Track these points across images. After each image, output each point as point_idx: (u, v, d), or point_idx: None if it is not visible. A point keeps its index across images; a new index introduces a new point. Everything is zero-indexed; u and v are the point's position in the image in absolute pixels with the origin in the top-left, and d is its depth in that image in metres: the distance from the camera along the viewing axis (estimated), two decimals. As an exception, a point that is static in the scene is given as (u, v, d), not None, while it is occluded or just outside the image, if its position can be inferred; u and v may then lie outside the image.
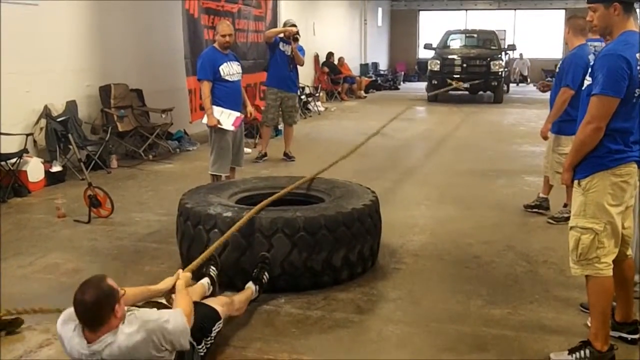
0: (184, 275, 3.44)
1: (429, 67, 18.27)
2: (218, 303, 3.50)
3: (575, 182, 3.29)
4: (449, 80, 16.88)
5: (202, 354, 3.20)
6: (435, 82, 17.59)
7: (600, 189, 3.19)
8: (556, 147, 5.72)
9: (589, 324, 3.43)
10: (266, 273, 4.03)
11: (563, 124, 5.56)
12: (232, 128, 6.37)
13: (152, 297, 3.32)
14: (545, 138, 5.87)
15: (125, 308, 2.81)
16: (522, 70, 25.14)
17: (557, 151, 5.72)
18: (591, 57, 5.36)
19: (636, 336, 3.53)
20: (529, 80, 24.46)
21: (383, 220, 4.82)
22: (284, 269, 4.13)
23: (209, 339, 3.27)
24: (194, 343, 3.11)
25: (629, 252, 3.47)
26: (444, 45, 19.40)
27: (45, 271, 4.73)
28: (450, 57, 18.07)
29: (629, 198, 3.27)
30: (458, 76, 17.29)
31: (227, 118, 6.34)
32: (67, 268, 4.78)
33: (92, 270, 4.71)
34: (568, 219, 5.67)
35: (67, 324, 2.80)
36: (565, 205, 5.87)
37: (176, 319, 2.87)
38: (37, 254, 5.08)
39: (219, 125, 6.28)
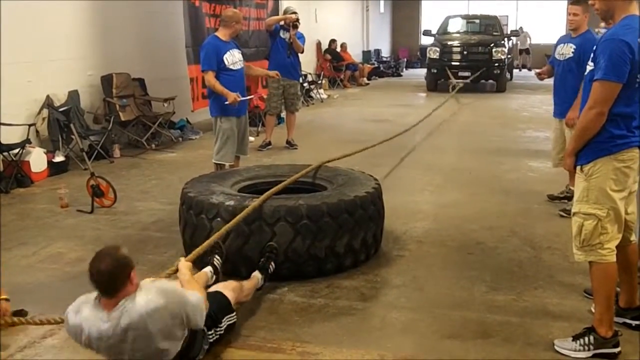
0: (184, 263, 3.45)
1: (427, 55, 17.32)
2: (229, 287, 3.51)
3: (578, 167, 3.28)
4: (449, 78, 15.99)
5: (211, 340, 3.22)
6: (435, 71, 16.82)
7: (603, 175, 3.17)
8: (567, 132, 5.66)
9: (593, 310, 3.43)
10: (272, 263, 4.03)
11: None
12: (246, 99, 6.34)
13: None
14: (571, 126, 5.70)
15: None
16: (522, 44, 24.66)
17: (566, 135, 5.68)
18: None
19: (640, 322, 3.52)
20: (528, 65, 24.22)
21: (386, 207, 4.82)
22: (287, 257, 4.13)
23: (219, 328, 3.28)
24: (204, 329, 3.13)
25: (633, 237, 3.45)
26: (443, 32, 18.36)
27: (49, 261, 4.74)
28: (449, 43, 17.15)
29: (632, 183, 3.25)
30: (458, 64, 16.49)
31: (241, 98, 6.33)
32: (71, 257, 4.79)
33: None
34: (564, 198, 5.71)
35: (80, 310, 2.87)
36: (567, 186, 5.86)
37: (195, 295, 2.97)
38: (41, 243, 5.09)
39: (238, 99, 6.20)
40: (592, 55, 3.25)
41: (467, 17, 20.79)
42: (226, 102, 6.16)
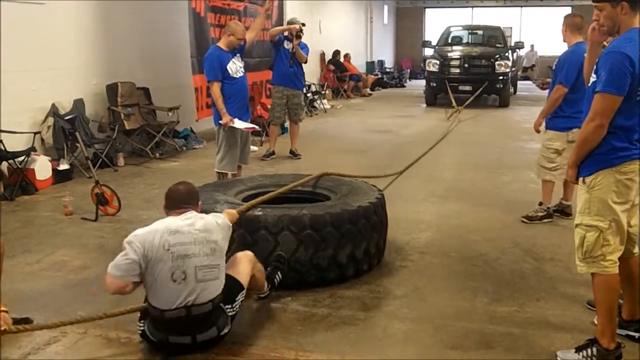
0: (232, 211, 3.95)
1: (426, 67, 16.53)
2: (247, 258, 3.73)
3: (580, 179, 3.29)
4: (448, 92, 15.20)
5: (230, 314, 3.45)
6: (434, 85, 16.07)
7: (604, 187, 3.19)
8: (545, 141, 5.78)
9: (596, 322, 3.43)
10: (279, 273, 4.05)
11: (554, 119, 5.63)
12: (242, 127, 6.39)
13: None
14: (538, 131, 5.89)
15: None
16: (528, 62, 24.86)
17: (545, 145, 5.77)
18: (587, 56, 5.37)
19: (643, 334, 3.52)
20: (533, 76, 24.32)
21: (389, 217, 4.83)
22: (290, 266, 4.14)
23: (232, 307, 3.47)
24: (222, 304, 3.40)
25: (636, 250, 3.45)
26: (444, 43, 17.63)
27: (52, 268, 4.76)
28: (450, 56, 16.36)
29: (634, 196, 3.26)
30: (458, 77, 15.80)
31: (240, 123, 6.39)
32: (75, 265, 4.81)
33: (100, 267, 4.73)
34: (543, 217, 5.79)
35: (153, 225, 3.41)
36: (540, 204, 5.89)
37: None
38: (45, 251, 5.11)
39: (231, 124, 6.29)
40: (594, 67, 3.27)
41: (469, 28, 20.27)
42: (219, 121, 6.31)
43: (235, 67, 6.45)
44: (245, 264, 3.66)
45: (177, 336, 3.32)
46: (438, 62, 16.09)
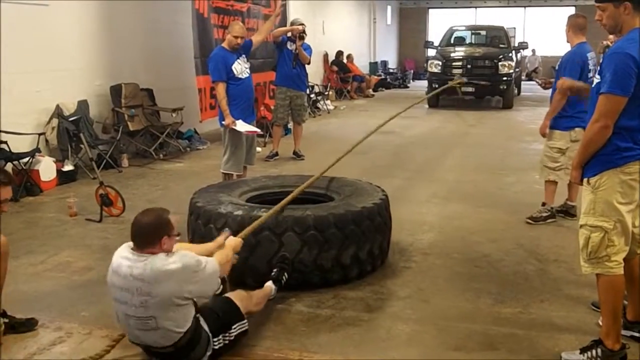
0: (235, 239, 3.69)
1: (428, 68, 16.15)
2: (237, 297, 3.52)
3: (585, 180, 3.29)
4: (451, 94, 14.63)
5: (216, 347, 3.24)
6: (436, 86, 15.27)
7: (609, 187, 3.18)
8: (548, 141, 5.78)
9: (600, 323, 3.43)
10: (285, 274, 4.05)
11: (557, 119, 5.64)
12: (243, 130, 6.40)
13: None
14: (544, 135, 5.88)
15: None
16: (532, 66, 24.95)
17: (548, 145, 5.77)
18: (590, 55, 5.41)
19: (647, 335, 3.52)
20: (535, 76, 24.32)
21: (392, 218, 4.83)
22: (294, 267, 4.14)
23: (227, 335, 3.31)
24: (210, 334, 3.19)
25: (640, 250, 3.46)
26: (446, 44, 17.27)
27: (57, 269, 4.77)
28: (452, 56, 15.97)
29: (639, 196, 3.26)
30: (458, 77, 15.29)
31: (243, 125, 6.40)
32: (79, 266, 4.82)
33: (104, 268, 4.72)
34: (547, 218, 5.79)
35: (124, 247, 3.17)
36: (543, 204, 5.89)
37: (210, 263, 3.18)
38: (49, 252, 5.13)
39: (233, 126, 6.32)
40: (598, 68, 3.28)
41: (471, 28, 19.95)
42: (222, 121, 6.32)
43: (241, 67, 6.47)
44: (237, 300, 3.49)
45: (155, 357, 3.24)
46: (440, 62, 15.77)
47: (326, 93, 16.46)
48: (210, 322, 3.22)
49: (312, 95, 14.81)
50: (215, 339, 3.23)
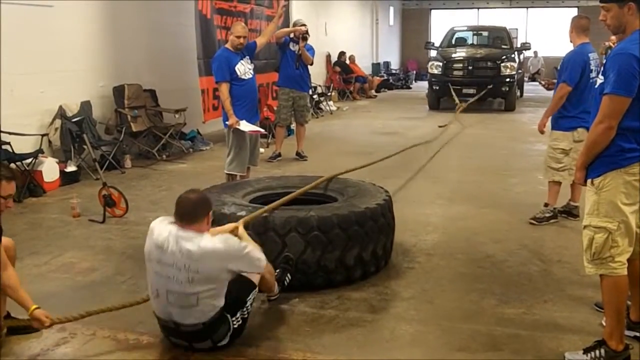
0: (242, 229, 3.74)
1: (429, 70, 15.75)
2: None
3: (589, 181, 3.29)
4: (452, 95, 14.49)
5: (236, 326, 3.35)
6: (437, 87, 15.28)
7: (613, 188, 3.18)
8: (551, 142, 5.80)
9: (604, 323, 3.42)
10: (289, 275, 4.06)
11: (559, 120, 5.68)
12: (247, 130, 6.40)
13: None
14: (542, 132, 5.92)
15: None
16: (534, 67, 24.91)
17: (551, 146, 5.78)
18: (592, 56, 5.43)
19: (651, 336, 3.52)
20: (539, 77, 24.28)
21: (396, 219, 4.83)
22: (298, 268, 4.14)
23: (244, 310, 3.40)
24: (228, 315, 3.29)
25: (644, 251, 3.45)
26: (447, 44, 16.95)
27: (60, 270, 4.78)
28: (453, 57, 15.60)
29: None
30: (462, 80, 15.01)
31: (247, 125, 6.40)
32: (82, 267, 4.83)
33: (107, 269, 4.77)
34: (550, 218, 5.79)
35: (163, 221, 3.32)
36: (546, 205, 5.89)
37: (254, 250, 3.36)
38: (53, 253, 5.13)
39: (237, 126, 6.32)
40: (602, 68, 3.28)
41: (473, 29, 19.69)
42: (226, 122, 6.34)
43: (244, 68, 6.47)
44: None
45: (174, 338, 3.39)
46: (441, 64, 15.38)
47: (329, 94, 16.48)
48: (229, 303, 3.31)
49: (315, 96, 14.83)
50: (233, 318, 3.33)
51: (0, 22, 6.86)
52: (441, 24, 27.63)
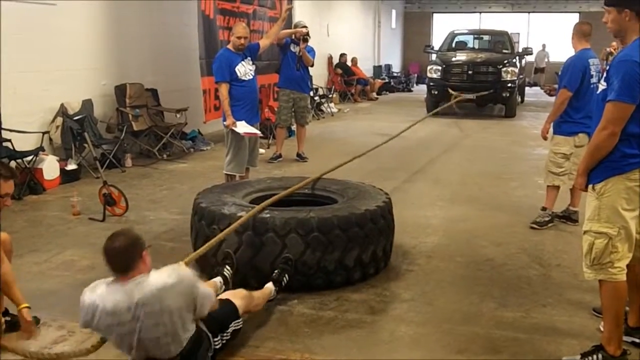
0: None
1: (427, 74, 15.33)
2: (238, 296, 3.54)
3: (590, 186, 3.29)
4: (450, 91, 14.12)
5: (217, 347, 3.26)
6: (436, 92, 14.79)
7: (614, 194, 3.19)
8: (552, 147, 5.82)
9: (602, 328, 3.43)
10: (287, 275, 4.05)
11: (560, 124, 5.71)
12: (242, 131, 6.39)
13: None
14: (545, 138, 5.94)
15: None
16: (540, 63, 24.70)
17: (552, 150, 5.81)
18: (592, 62, 5.45)
19: (649, 341, 3.52)
20: (541, 83, 24.21)
21: (396, 221, 4.83)
22: (297, 269, 4.15)
23: (225, 334, 3.32)
24: (210, 335, 3.18)
25: (643, 256, 3.46)
26: (447, 48, 16.49)
27: (61, 268, 4.78)
28: (453, 61, 15.14)
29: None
30: (462, 85, 14.50)
31: (244, 127, 6.39)
32: (83, 265, 4.83)
33: (107, 267, 4.75)
34: (549, 222, 5.79)
35: (96, 289, 2.98)
36: (543, 209, 5.90)
37: (204, 286, 3.11)
38: (53, 251, 5.14)
39: (233, 127, 6.34)
40: (605, 74, 3.28)
41: (474, 32, 19.31)
42: (224, 122, 6.34)
43: (245, 69, 6.48)
44: (238, 301, 3.49)
45: None
46: (440, 68, 14.91)
47: (330, 96, 16.48)
48: (207, 324, 3.20)
49: (316, 98, 14.84)
50: (215, 339, 3.24)
51: (0, 19, 6.86)
52: (443, 27, 27.63)
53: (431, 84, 15.06)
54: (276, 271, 4.04)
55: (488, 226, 5.92)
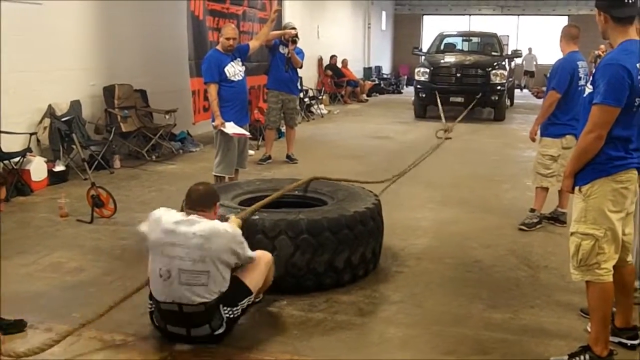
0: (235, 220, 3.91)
1: (415, 76, 14.99)
2: (263, 260, 3.73)
3: (576, 188, 3.31)
4: (439, 110, 13.61)
5: (229, 317, 3.46)
6: (424, 95, 14.53)
7: (600, 195, 3.21)
8: (540, 149, 5.87)
9: (589, 329, 3.45)
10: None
11: (548, 126, 5.75)
12: (231, 132, 6.37)
13: None
14: (533, 140, 5.98)
15: None
16: (529, 66, 24.80)
17: (540, 152, 5.84)
18: (580, 64, 5.50)
19: (636, 342, 3.55)
20: (530, 86, 24.30)
21: (385, 223, 4.84)
22: (287, 271, 4.14)
23: (236, 309, 3.48)
24: (221, 306, 3.42)
25: (629, 258, 3.49)
26: (436, 50, 16.15)
27: (48, 270, 4.75)
28: (441, 64, 14.84)
29: (629, 204, 3.29)
30: (450, 88, 14.30)
31: (233, 127, 6.38)
32: (70, 267, 4.80)
33: (95, 269, 4.75)
34: (537, 223, 5.82)
35: (169, 210, 3.60)
36: (532, 210, 5.93)
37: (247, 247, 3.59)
38: (41, 252, 5.10)
39: (222, 128, 6.32)
40: (591, 78, 3.31)
41: (462, 35, 19.17)
42: (212, 122, 6.32)
43: (234, 70, 6.47)
44: (261, 270, 3.68)
45: (173, 326, 3.46)
46: (428, 70, 14.60)
47: (320, 97, 16.49)
48: (222, 296, 3.43)
49: (306, 100, 14.84)
50: (226, 309, 3.44)
51: (0, 20, 6.86)
52: (433, 29, 27.70)
53: (418, 86, 14.78)
54: None
55: (477, 228, 5.94)
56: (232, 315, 3.48)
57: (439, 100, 13.85)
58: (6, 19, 7.07)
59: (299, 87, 9.61)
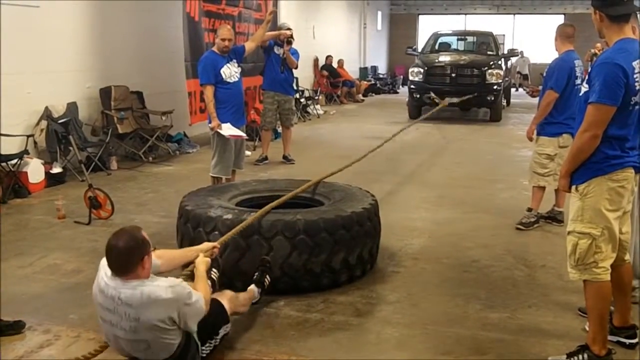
0: (202, 259, 3.48)
1: (409, 76, 14.65)
2: (225, 297, 3.52)
3: (573, 187, 3.32)
4: (433, 96, 13.49)
5: (204, 355, 3.24)
6: (418, 96, 14.15)
7: (597, 194, 3.21)
8: (537, 148, 5.88)
9: (587, 328, 3.46)
10: (267, 276, 4.04)
11: (544, 125, 5.74)
12: (227, 134, 6.37)
13: (186, 262, 3.52)
14: (530, 139, 6.00)
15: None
16: (522, 69, 24.70)
17: (537, 151, 5.86)
18: (577, 63, 5.51)
19: (634, 340, 3.56)
20: (525, 85, 24.33)
21: (382, 223, 4.85)
22: (284, 271, 4.15)
23: (213, 340, 3.30)
24: (199, 343, 3.16)
25: (627, 257, 3.49)
26: (430, 50, 15.79)
27: (46, 272, 4.75)
28: (435, 64, 14.57)
29: (626, 203, 3.29)
30: (444, 88, 13.91)
31: (229, 129, 6.37)
32: (68, 269, 4.80)
33: (93, 271, 4.70)
34: (534, 223, 5.83)
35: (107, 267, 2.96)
36: (529, 210, 5.95)
37: (200, 301, 3.03)
38: (38, 254, 5.10)
39: (218, 130, 6.32)
40: (587, 77, 3.31)
41: (458, 34, 18.91)
42: (209, 124, 6.32)
43: (230, 71, 6.47)
44: (226, 303, 3.47)
45: None
46: (422, 70, 14.26)
47: (316, 98, 16.49)
48: (200, 331, 3.15)
49: (302, 100, 14.84)
50: (203, 347, 3.22)
51: (0, 20, 6.84)
52: (429, 29, 27.72)
53: (412, 87, 14.48)
54: (256, 273, 4.02)
55: (474, 228, 5.95)
56: (208, 351, 3.24)
57: (433, 100, 13.61)
58: (2, 20, 7.06)
59: (295, 88, 9.60)
